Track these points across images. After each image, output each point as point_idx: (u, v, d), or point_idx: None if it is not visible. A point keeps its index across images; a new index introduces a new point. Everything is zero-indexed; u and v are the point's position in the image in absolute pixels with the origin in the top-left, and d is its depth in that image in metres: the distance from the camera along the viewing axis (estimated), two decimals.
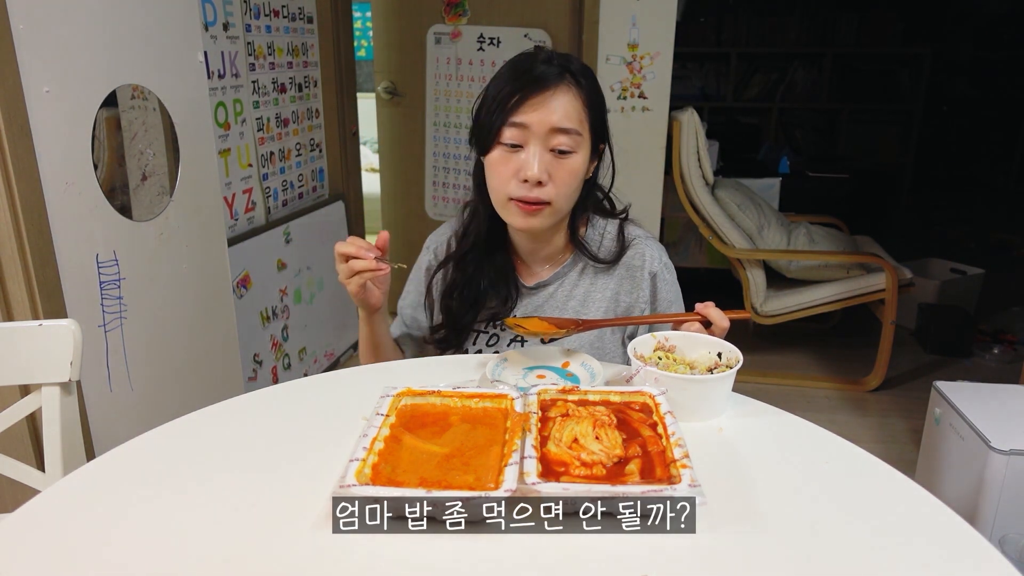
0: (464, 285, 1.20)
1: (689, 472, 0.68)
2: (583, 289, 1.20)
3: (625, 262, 1.20)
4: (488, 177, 1.12)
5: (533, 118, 1.05)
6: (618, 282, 1.20)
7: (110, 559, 0.64)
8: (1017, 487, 1.67)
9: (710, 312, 1.02)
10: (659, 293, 1.19)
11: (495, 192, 1.12)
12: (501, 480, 0.67)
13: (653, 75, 2.79)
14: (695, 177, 2.90)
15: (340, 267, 1.07)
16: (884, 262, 2.76)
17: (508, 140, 1.07)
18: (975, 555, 0.64)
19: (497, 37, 2.95)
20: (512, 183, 1.08)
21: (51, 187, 1.30)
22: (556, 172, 1.08)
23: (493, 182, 1.11)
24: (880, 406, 2.78)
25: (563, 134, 1.06)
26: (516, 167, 1.07)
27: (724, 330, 1.01)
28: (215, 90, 2.09)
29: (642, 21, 2.72)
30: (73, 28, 1.32)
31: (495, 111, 1.08)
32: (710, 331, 1.01)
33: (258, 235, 2.32)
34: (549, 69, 1.07)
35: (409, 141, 3.25)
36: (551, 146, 1.07)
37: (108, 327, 1.46)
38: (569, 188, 1.10)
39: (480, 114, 1.12)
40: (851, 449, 0.82)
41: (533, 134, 1.06)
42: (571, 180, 1.10)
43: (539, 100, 1.05)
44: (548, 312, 1.20)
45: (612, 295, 1.19)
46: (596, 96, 1.12)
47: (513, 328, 1.06)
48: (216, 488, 0.74)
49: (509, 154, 1.08)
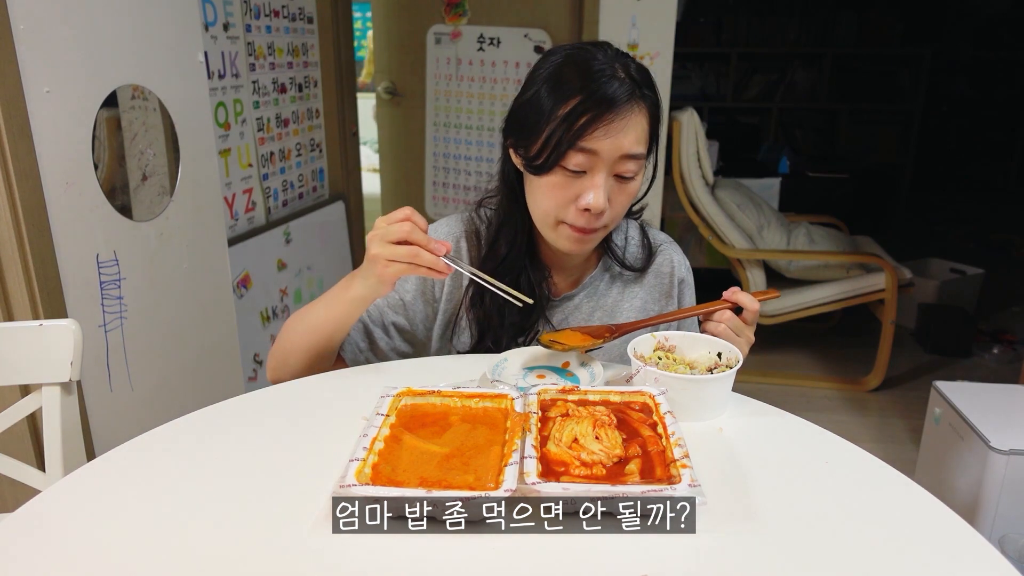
0: (496, 299, 1.05)
1: (689, 472, 0.68)
2: (612, 299, 1.15)
3: (654, 269, 1.16)
4: (537, 195, 1.01)
5: (605, 145, 0.93)
6: (647, 291, 1.16)
7: (110, 559, 0.64)
8: (1016, 487, 1.67)
9: (740, 297, 0.99)
10: (684, 299, 1.17)
11: (544, 213, 1.01)
12: (501, 480, 0.67)
13: (653, 75, 2.79)
14: (695, 177, 2.91)
15: (396, 249, 0.89)
16: (884, 262, 2.76)
17: (574, 167, 0.95)
18: (974, 555, 0.65)
19: (497, 37, 2.95)
20: (570, 209, 0.98)
21: (51, 187, 1.31)
22: (616, 198, 0.98)
23: (545, 204, 1.00)
24: (880, 406, 2.78)
25: (631, 160, 0.96)
26: (576, 193, 0.97)
27: (756, 313, 1.00)
28: (215, 90, 2.09)
29: (642, 21, 2.73)
30: (73, 28, 1.32)
31: (560, 130, 0.93)
32: (742, 316, 0.99)
33: (258, 235, 2.32)
34: (622, 88, 0.94)
35: (408, 141, 3.25)
36: (616, 172, 0.97)
37: (108, 327, 1.46)
38: (624, 210, 1.02)
39: (530, 120, 0.97)
40: (851, 449, 0.82)
41: (602, 161, 0.95)
42: (628, 203, 1.02)
43: (612, 125, 0.93)
44: (574, 324, 1.14)
45: (641, 304, 1.15)
46: (658, 109, 1.01)
47: (549, 345, 0.96)
48: (216, 488, 0.74)
49: (570, 179, 0.96)
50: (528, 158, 0.99)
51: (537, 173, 0.98)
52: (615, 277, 1.16)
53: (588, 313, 1.14)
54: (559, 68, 0.97)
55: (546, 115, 0.95)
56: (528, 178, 1.02)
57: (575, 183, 0.96)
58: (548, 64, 0.99)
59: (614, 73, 0.95)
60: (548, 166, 0.96)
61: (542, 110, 0.96)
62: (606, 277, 1.16)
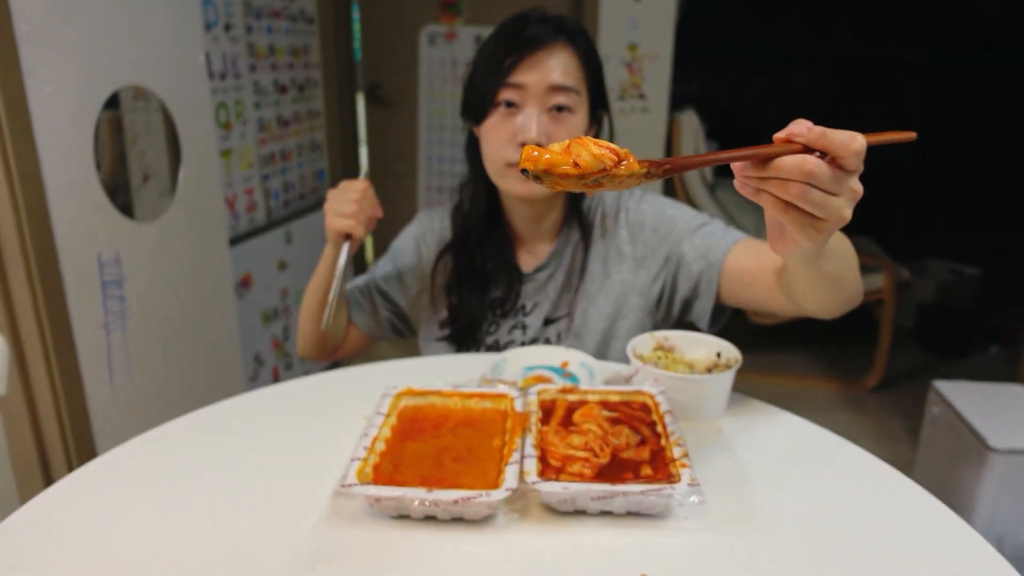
0: (470, 273, 1.15)
1: (689, 472, 0.68)
2: (578, 261, 1.15)
3: (623, 222, 1.15)
4: (484, 145, 1.08)
5: (530, 78, 1.02)
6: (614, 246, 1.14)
7: (110, 559, 0.64)
8: (1015, 486, 1.68)
9: (823, 137, 0.56)
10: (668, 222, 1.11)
11: (492, 160, 1.07)
12: (501, 480, 0.68)
13: (652, 76, 2.80)
14: (695, 177, 2.91)
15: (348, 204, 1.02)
16: (883, 262, 2.76)
17: (507, 101, 1.03)
18: (973, 554, 0.65)
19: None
20: (510, 147, 1.04)
21: (53, 188, 1.31)
22: (556, 133, 1.03)
23: (490, 149, 1.07)
24: (879, 406, 2.78)
25: (561, 92, 1.03)
26: (513, 130, 1.03)
27: (857, 153, 0.55)
28: (216, 91, 2.09)
29: (642, 22, 2.73)
30: (75, 29, 1.33)
31: (488, 75, 1.04)
32: (835, 162, 0.56)
33: (259, 235, 2.33)
34: (543, 28, 1.03)
35: (399, 144, 3.18)
36: (549, 105, 1.03)
37: (110, 327, 1.47)
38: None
39: (472, 81, 1.08)
40: (850, 449, 0.82)
41: (530, 95, 1.02)
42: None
43: (535, 60, 1.02)
44: (551, 296, 1.15)
45: (602, 260, 1.14)
46: (594, 56, 1.08)
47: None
48: (217, 487, 0.74)
49: (505, 118, 1.04)
50: (470, 109, 1.09)
51: (479, 120, 1.08)
52: (578, 240, 1.16)
53: (561, 283, 1.16)
54: (492, 34, 1.07)
55: (480, 70, 1.06)
56: (480, 137, 1.10)
57: (511, 121, 1.04)
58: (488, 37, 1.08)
59: (540, 19, 1.04)
60: (484, 109, 1.05)
61: (477, 69, 1.07)
62: (572, 241, 1.16)
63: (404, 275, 1.21)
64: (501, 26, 1.07)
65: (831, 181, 0.56)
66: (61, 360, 1.36)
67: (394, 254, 1.23)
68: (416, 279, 1.21)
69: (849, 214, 0.59)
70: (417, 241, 1.22)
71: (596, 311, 1.14)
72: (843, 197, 0.58)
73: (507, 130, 1.04)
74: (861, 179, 0.59)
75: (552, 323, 1.16)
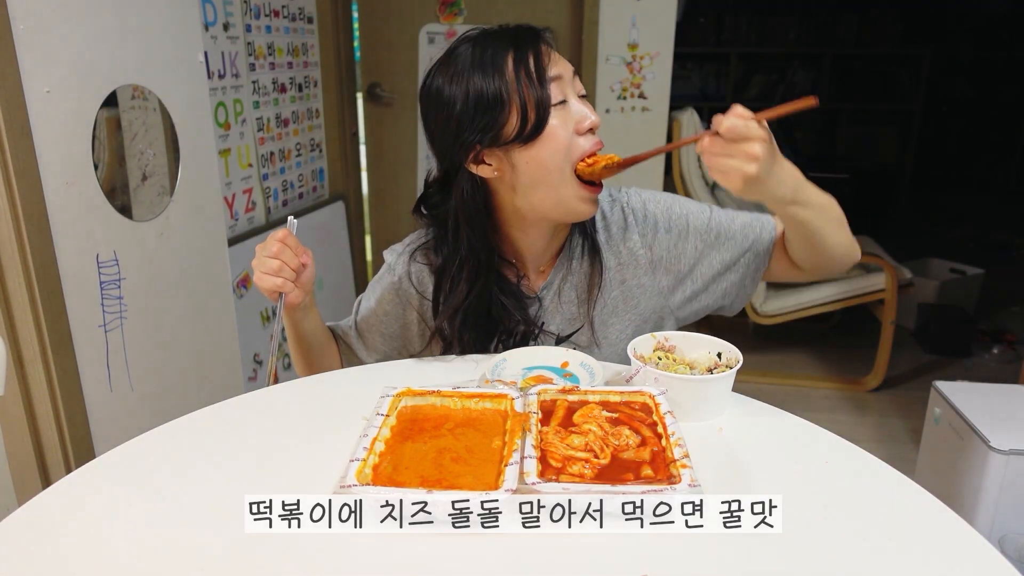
0: (478, 317, 1.07)
1: (689, 472, 0.68)
2: (586, 268, 1.10)
3: (610, 226, 1.10)
4: (544, 152, 0.96)
5: (560, 68, 0.96)
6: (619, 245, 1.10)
7: (110, 559, 0.64)
8: (1016, 487, 1.67)
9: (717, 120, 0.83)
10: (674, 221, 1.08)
11: (560, 162, 0.97)
12: (501, 480, 0.68)
13: (653, 75, 2.79)
14: (695, 177, 2.91)
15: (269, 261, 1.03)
16: (883, 262, 2.76)
17: (558, 98, 0.96)
18: (974, 555, 0.65)
19: None
20: (579, 141, 0.97)
21: (51, 187, 1.31)
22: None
23: (557, 148, 0.96)
24: (880, 406, 2.78)
25: (578, 78, 1.00)
26: (573, 122, 0.97)
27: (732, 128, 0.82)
28: (215, 90, 2.09)
29: (642, 21, 2.73)
30: (74, 29, 1.33)
31: (525, 79, 0.94)
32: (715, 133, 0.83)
33: (258, 235, 2.32)
34: (523, 30, 0.98)
35: (399, 143, 3.18)
36: (578, 92, 0.99)
37: (108, 327, 1.46)
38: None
39: (485, 105, 0.95)
40: (851, 449, 0.82)
41: (567, 83, 0.97)
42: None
43: (548, 51, 0.97)
44: (564, 309, 1.10)
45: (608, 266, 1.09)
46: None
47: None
48: (216, 488, 0.74)
49: (562, 113, 0.96)
50: (518, 128, 0.95)
51: (540, 129, 0.95)
52: (584, 251, 1.10)
53: (569, 293, 1.11)
54: (472, 53, 0.96)
55: (502, 85, 0.94)
56: (519, 157, 0.97)
57: (566, 114, 0.97)
58: (459, 63, 0.97)
59: (509, 25, 0.99)
60: (544, 109, 0.94)
61: (493, 86, 0.94)
62: (576, 252, 1.11)
63: (397, 327, 1.16)
64: (472, 43, 0.97)
65: (720, 147, 0.83)
66: (59, 360, 1.35)
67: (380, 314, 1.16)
68: (413, 323, 1.15)
69: (750, 169, 0.82)
70: (396, 292, 1.15)
71: (617, 320, 1.10)
72: (736, 159, 0.82)
73: (570, 123, 0.97)
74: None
75: (565, 339, 1.11)
